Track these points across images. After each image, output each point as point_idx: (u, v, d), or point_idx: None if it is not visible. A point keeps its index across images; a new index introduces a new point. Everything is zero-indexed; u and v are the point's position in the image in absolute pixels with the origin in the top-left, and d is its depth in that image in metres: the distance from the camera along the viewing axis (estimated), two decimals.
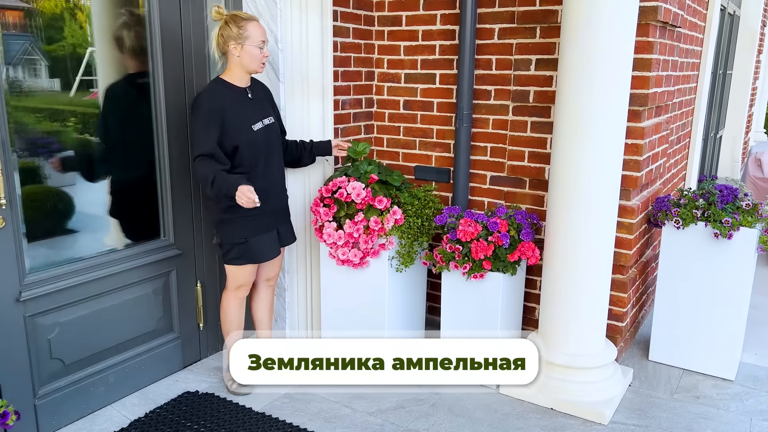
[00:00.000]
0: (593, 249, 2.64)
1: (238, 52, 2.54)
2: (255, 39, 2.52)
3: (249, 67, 2.57)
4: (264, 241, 2.70)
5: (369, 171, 3.01)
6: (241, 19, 2.54)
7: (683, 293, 3.05)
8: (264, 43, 2.55)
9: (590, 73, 2.46)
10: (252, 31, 2.52)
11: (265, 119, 2.68)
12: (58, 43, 2.46)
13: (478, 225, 2.80)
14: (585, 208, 2.59)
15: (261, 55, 2.56)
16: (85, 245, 2.60)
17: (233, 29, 2.52)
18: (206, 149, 2.46)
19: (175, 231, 2.87)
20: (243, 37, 2.52)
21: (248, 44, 2.53)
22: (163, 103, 2.74)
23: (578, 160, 2.56)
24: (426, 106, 3.49)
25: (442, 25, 3.34)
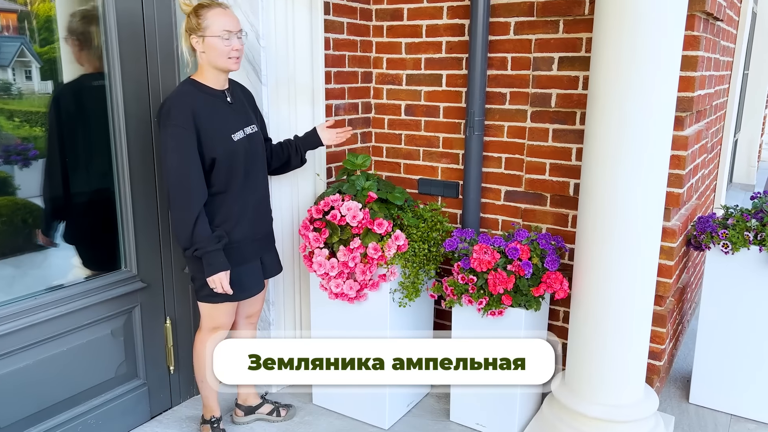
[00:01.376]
0: (634, 280, 2.21)
1: (201, 47, 2.12)
2: (216, 28, 2.08)
3: (216, 63, 2.14)
4: (245, 274, 2.27)
5: (367, 187, 2.58)
6: (201, 6, 2.11)
7: (731, 327, 2.64)
8: (229, 33, 2.10)
9: (632, 73, 2.04)
10: (212, 20, 2.09)
11: (247, 127, 2.25)
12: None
13: (495, 252, 2.38)
14: (624, 233, 2.17)
15: (227, 48, 2.12)
16: (25, 281, 2.17)
17: (193, 20, 2.10)
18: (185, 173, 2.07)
19: (138, 260, 2.44)
20: (202, 28, 2.09)
21: (209, 36, 2.09)
22: (122, 109, 2.31)
23: (616, 176, 2.13)
24: (431, 112, 3.07)
25: (449, 19, 2.92)
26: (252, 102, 2.41)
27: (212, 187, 2.15)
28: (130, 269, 2.43)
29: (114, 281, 2.37)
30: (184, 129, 2.05)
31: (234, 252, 2.21)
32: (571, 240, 2.75)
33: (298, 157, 2.53)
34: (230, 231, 2.19)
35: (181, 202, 2.06)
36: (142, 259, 2.45)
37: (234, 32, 2.12)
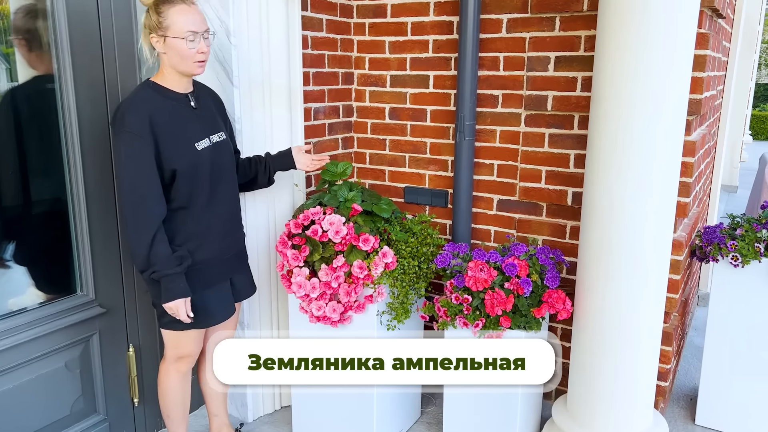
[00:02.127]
0: (643, 298, 2.04)
1: (162, 47, 1.88)
2: (179, 28, 1.83)
3: (178, 66, 1.90)
4: (212, 298, 2.04)
5: (350, 199, 2.36)
6: (163, 2, 1.86)
7: (740, 344, 2.47)
8: (194, 33, 1.85)
9: (642, 74, 1.85)
10: (174, 18, 1.84)
11: (213, 135, 2.02)
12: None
13: (492, 269, 2.18)
14: (633, 248, 1.99)
15: (192, 51, 1.87)
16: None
17: (153, 16, 1.85)
18: (140, 186, 1.83)
19: (96, 283, 2.19)
20: (163, 27, 1.84)
21: (171, 36, 1.85)
22: (75, 115, 2.06)
23: (624, 186, 1.95)
24: (417, 115, 2.87)
25: (436, 16, 2.72)
26: (221, 108, 2.17)
27: (173, 202, 1.91)
28: (86, 293, 2.18)
29: (68, 307, 2.11)
30: (140, 137, 1.81)
31: (199, 274, 1.98)
32: (569, 252, 2.57)
33: (266, 177, 2.28)
34: (194, 251, 1.96)
35: (136, 219, 1.82)
36: (100, 282, 2.20)
37: (200, 33, 1.88)
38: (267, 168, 2.28)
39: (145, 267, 1.86)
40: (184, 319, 1.91)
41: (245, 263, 2.24)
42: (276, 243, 2.36)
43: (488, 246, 2.77)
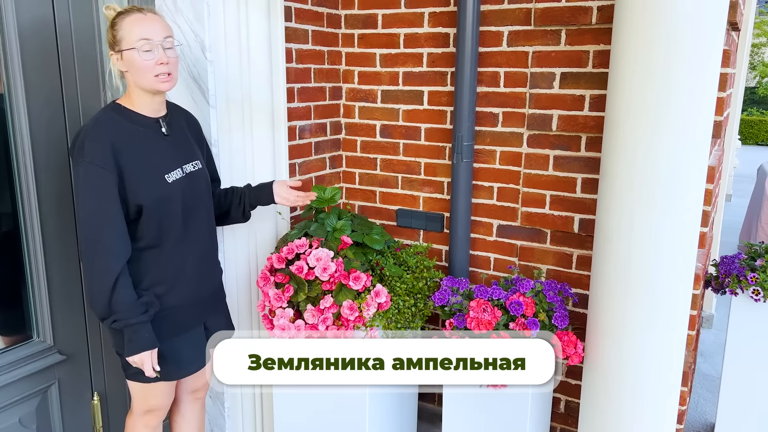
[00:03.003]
0: (663, 337, 1.84)
1: (121, 65, 1.67)
2: (130, 39, 1.62)
3: (140, 82, 1.67)
4: (182, 347, 1.81)
5: (339, 229, 2.15)
6: (118, 14, 1.65)
7: (758, 380, 2.30)
8: (148, 42, 1.63)
9: (666, 97, 1.67)
10: (127, 29, 1.63)
11: (186, 164, 1.80)
12: None
13: (496, 309, 1.98)
14: (654, 284, 1.79)
15: (149, 63, 1.64)
16: None
17: (109, 33, 1.66)
18: (100, 224, 1.60)
19: (54, 327, 1.95)
20: (117, 41, 1.64)
21: (125, 49, 1.64)
22: (28, 139, 1.83)
23: (644, 216, 1.76)
24: (411, 133, 2.66)
25: (431, 28, 2.52)
26: (198, 132, 1.95)
27: (140, 240, 1.69)
28: (43, 339, 1.94)
29: (22, 357, 1.87)
30: (101, 167, 1.59)
31: (168, 320, 1.76)
32: (576, 283, 2.38)
33: (240, 210, 2.04)
34: (164, 295, 1.74)
35: (96, 261, 1.60)
36: (59, 325, 1.96)
37: (156, 41, 1.65)
38: (242, 201, 2.03)
39: (105, 315, 1.63)
40: (149, 374, 1.68)
41: (222, 303, 2.01)
42: (257, 278, 2.14)
43: (488, 275, 2.57)
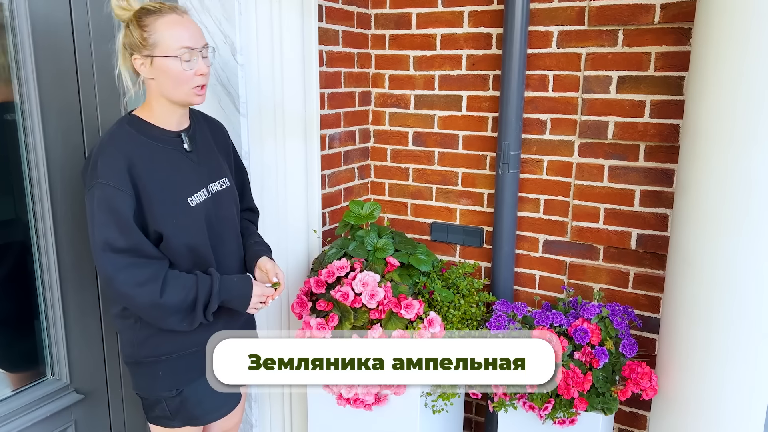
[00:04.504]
0: (748, 375, 1.67)
1: (149, 71, 1.45)
2: (170, 44, 1.42)
3: (172, 95, 1.47)
4: (210, 389, 1.60)
5: (381, 248, 1.96)
6: (146, 13, 1.43)
7: None
8: (190, 51, 1.44)
9: (760, 101, 1.49)
10: (165, 33, 1.42)
11: (212, 183, 1.59)
12: None
13: (562, 338, 1.79)
14: (742, 316, 1.62)
15: (189, 74, 1.45)
16: None
17: (135, 32, 1.42)
18: (123, 242, 1.38)
19: (70, 363, 1.75)
20: (149, 44, 1.42)
21: (161, 55, 1.42)
22: (43, 154, 1.63)
23: (734, 238, 1.58)
24: (447, 141, 2.48)
25: (471, 28, 2.33)
26: (225, 142, 1.73)
27: None
28: (59, 377, 1.74)
29: (37, 398, 1.67)
30: (117, 189, 1.39)
31: (196, 359, 1.56)
32: (633, 304, 2.20)
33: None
34: (189, 333, 1.54)
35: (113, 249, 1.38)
36: (76, 362, 1.76)
37: (197, 49, 1.46)
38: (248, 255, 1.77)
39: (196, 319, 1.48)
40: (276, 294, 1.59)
41: (253, 335, 1.81)
42: (292, 302, 1.94)
43: (536, 295, 2.39)
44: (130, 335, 1.55)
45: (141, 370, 1.55)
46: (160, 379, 1.54)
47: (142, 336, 1.53)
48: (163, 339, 1.52)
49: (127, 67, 1.47)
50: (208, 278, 1.49)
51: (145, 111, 1.51)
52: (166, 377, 1.54)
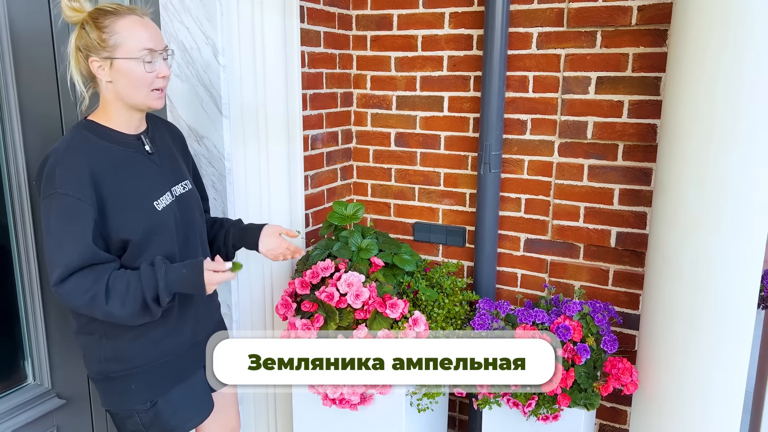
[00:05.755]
0: (730, 366, 1.71)
1: (108, 74, 1.40)
2: (132, 46, 1.39)
3: (132, 99, 1.43)
4: (183, 399, 1.59)
5: (366, 248, 1.97)
6: (103, 13, 1.38)
7: None
8: (152, 52, 1.41)
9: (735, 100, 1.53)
10: (126, 34, 1.38)
11: (176, 186, 1.56)
12: None
13: (546, 335, 1.82)
14: (723, 307, 1.66)
15: (151, 76, 1.42)
16: None
17: (92, 33, 1.37)
18: (77, 259, 1.33)
19: (52, 368, 1.73)
20: (109, 46, 1.38)
21: (122, 57, 1.39)
22: (22, 160, 1.61)
23: (715, 236, 1.62)
24: (429, 142, 2.49)
25: (452, 29, 2.35)
26: (184, 146, 1.70)
27: None
28: (40, 382, 1.72)
29: (17, 404, 1.65)
30: (77, 199, 1.33)
31: (168, 368, 1.54)
32: (613, 301, 2.24)
33: (224, 250, 1.77)
34: (161, 340, 1.51)
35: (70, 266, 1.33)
36: (57, 366, 1.74)
37: (158, 51, 1.43)
38: (226, 239, 1.76)
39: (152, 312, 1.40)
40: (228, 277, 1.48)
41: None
42: (277, 303, 1.94)
43: (518, 293, 2.42)
44: (96, 351, 1.49)
45: (111, 386, 1.50)
46: (133, 392, 1.50)
47: (109, 351, 1.48)
48: (133, 352, 1.48)
49: (79, 71, 1.42)
50: (150, 272, 1.40)
51: (101, 115, 1.46)
52: (138, 390, 1.50)
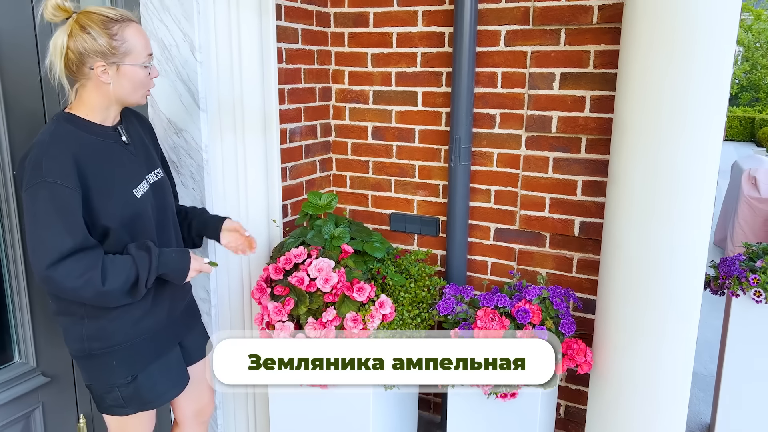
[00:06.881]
0: (677, 343, 1.82)
1: (111, 78, 1.50)
2: (139, 54, 1.51)
3: (128, 98, 1.55)
4: (161, 373, 1.68)
5: (337, 236, 2.07)
6: (110, 20, 1.46)
7: (759, 382, 2.30)
8: (151, 57, 1.57)
9: (679, 95, 1.63)
10: (134, 42, 1.50)
11: (150, 174, 1.66)
12: None
13: (504, 318, 1.92)
14: (668, 290, 1.77)
15: (149, 79, 1.57)
16: None
17: (100, 39, 1.45)
18: (71, 242, 1.41)
19: (37, 347, 1.83)
20: (120, 53, 1.48)
21: (130, 64, 1.50)
22: (8, 151, 1.70)
23: (659, 222, 1.72)
24: (404, 135, 2.59)
25: (425, 27, 2.44)
26: (153, 137, 1.80)
27: None
28: (26, 360, 1.82)
29: (3, 380, 1.75)
30: (65, 186, 1.40)
31: (146, 345, 1.63)
32: (576, 287, 2.34)
33: (190, 237, 1.88)
34: (140, 319, 1.60)
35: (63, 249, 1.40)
36: (42, 345, 1.84)
37: (152, 55, 1.59)
38: (189, 229, 1.87)
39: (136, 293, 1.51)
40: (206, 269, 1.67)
41: (196, 318, 1.90)
42: (252, 289, 2.04)
43: (486, 279, 2.52)
44: (78, 331, 1.56)
45: (93, 363, 1.59)
46: (114, 368, 1.58)
47: (91, 330, 1.55)
48: (114, 330, 1.56)
49: (66, 71, 1.48)
50: (146, 256, 1.51)
51: (81, 109, 1.52)
52: (120, 366, 1.59)
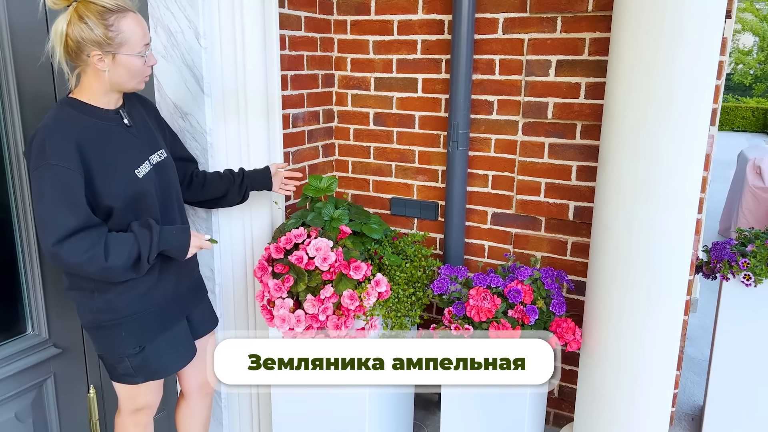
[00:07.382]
0: (662, 323, 1.88)
1: (107, 66, 1.55)
2: (135, 44, 1.56)
3: (125, 85, 1.61)
4: (166, 345, 1.76)
5: (337, 218, 2.14)
6: (107, 11, 1.50)
7: (749, 364, 2.35)
8: (146, 47, 1.60)
9: (666, 83, 1.68)
10: (130, 32, 1.54)
11: (153, 155, 1.72)
12: None
13: (496, 297, 1.99)
14: (654, 271, 1.82)
15: (146, 68, 1.62)
16: None
17: (96, 29, 1.49)
18: (74, 221, 1.48)
19: (49, 320, 1.92)
20: (116, 43, 1.53)
21: (126, 53, 1.56)
22: (20, 128, 1.78)
23: (646, 206, 1.78)
24: (404, 121, 2.65)
25: (425, 14, 2.50)
26: (157, 117, 1.87)
27: None
28: (38, 332, 1.91)
29: (17, 351, 1.84)
30: (68, 169, 1.47)
31: (153, 318, 1.72)
32: (570, 270, 2.40)
33: (240, 195, 2.03)
34: (146, 293, 1.68)
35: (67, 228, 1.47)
36: (54, 318, 1.93)
37: (149, 44, 1.63)
38: (243, 185, 2.03)
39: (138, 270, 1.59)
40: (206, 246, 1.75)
41: (203, 294, 1.98)
42: (254, 268, 2.12)
43: (482, 263, 2.59)
44: (88, 304, 1.64)
45: (103, 333, 1.67)
46: (123, 339, 1.67)
47: (100, 302, 1.63)
48: (121, 303, 1.64)
49: (66, 57, 1.53)
50: (147, 233, 1.58)
51: (84, 94, 1.59)
52: (128, 337, 1.68)
